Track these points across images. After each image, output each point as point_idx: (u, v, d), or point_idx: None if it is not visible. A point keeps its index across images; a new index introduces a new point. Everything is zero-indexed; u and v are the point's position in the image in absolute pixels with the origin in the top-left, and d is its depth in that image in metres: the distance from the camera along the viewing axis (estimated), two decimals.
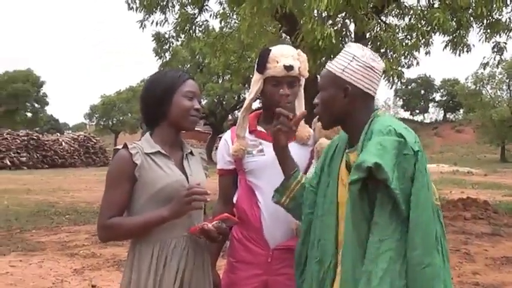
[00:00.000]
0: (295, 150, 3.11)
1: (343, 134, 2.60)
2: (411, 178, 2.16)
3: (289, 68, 3.03)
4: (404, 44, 12.45)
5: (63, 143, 43.28)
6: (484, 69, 15.42)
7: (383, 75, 12.26)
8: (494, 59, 14.95)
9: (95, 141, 47.52)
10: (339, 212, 2.46)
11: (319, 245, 2.53)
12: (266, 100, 3.18)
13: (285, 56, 3.07)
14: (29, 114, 78.28)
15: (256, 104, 6.46)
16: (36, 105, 78.25)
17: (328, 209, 2.51)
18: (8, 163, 37.01)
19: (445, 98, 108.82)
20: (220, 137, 3.59)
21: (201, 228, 2.67)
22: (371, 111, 2.45)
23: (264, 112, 3.27)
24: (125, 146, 2.70)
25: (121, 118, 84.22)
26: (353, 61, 2.41)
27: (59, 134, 50.08)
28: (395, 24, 13.90)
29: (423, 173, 2.18)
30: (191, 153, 2.94)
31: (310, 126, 3.25)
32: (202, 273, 2.83)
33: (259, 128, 3.23)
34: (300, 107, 3.24)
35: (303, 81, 3.20)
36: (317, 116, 2.97)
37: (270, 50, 3.13)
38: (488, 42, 13.63)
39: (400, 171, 2.15)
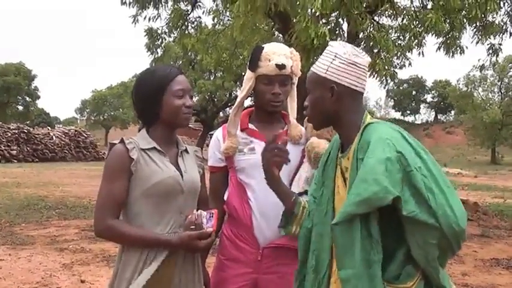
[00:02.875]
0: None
1: (336, 139, 2.58)
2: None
3: (281, 66, 3.02)
4: (397, 44, 12.47)
5: (53, 137, 43.08)
6: (480, 71, 15.53)
7: (375, 76, 12.34)
8: (490, 61, 15.00)
9: (85, 135, 47.30)
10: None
11: (314, 255, 2.51)
12: (258, 98, 3.17)
13: (278, 54, 3.06)
14: (20, 108, 78.10)
15: (248, 102, 6.45)
16: (27, 98, 78.01)
17: (323, 218, 2.48)
18: None
19: (437, 99, 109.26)
20: (211, 134, 3.58)
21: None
22: (361, 108, 2.43)
23: (256, 110, 3.27)
24: (122, 141, 2.71)
25: (112, 113, 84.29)
26: (335, 59, 2.37)
27: (49, 128, 49.82)
28: (389, 25, 13.93)
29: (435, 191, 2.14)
30: (186, 150, 2.94)
31: (302, 125, 3.24)
32: (192, 270, 2.83)
33: (251, 126, 3.22)
34: (292, 106, 3.24)
35: (295, 80, 3.20)
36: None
37: (263, 47, 3.12)
38: (482, 44, 13.67)
39: (411, 189, 2.13)
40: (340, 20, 12.43)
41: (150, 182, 2.67)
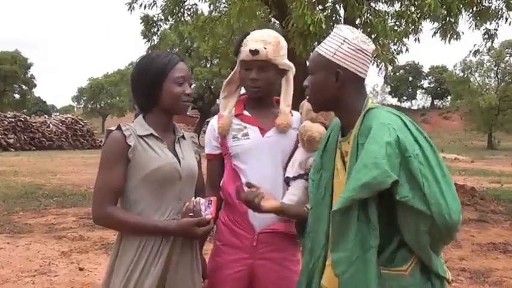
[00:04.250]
0: (277, 137, 3.11)
1: (336, 123, 2.57)
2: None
3: (254, 52, 3.02)
4: (393, 30, 12.42)
5: (50, 125, 42.96)
6: (475, 56, 15.50)
7: (374, 62, 12.31)
8: (485, 46, 14.99)
9: (82, 124, 47.15)
10: (333, 204, 2.42)
11: (310, 237, 2.53)
12: (242, 84, 3.23)
13: (254, 40, 3.06)
14: (17, 96, 77.97)
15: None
16: (23, 87, 77.88)
17: (320, 200, 2.49)
18: None
19: (433, 85, 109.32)
20: (208, 122, 3.59)
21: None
22: (363, 95, 2.42)
23: (247, 96, 3.28)
24: (119, 128, 2.70)
25: (109, 101, 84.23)
26: (344, 44, 2.34)
27: (46, 116, 49.76)
28: (385, 11, 13.88)
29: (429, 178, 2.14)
30: (183, 137, 2.95)
31: (298, 111, 3.23)
32: (190, 258, 2.84)
33: (245, 113, 3.22)
34: (287, 92, 3.22)
35: (292, 72, 3.20)
36: (304, 100, 2.95)
37: (248, 34, 3.15)
38: (479, 29, 13.64)
39: (407, 175, 2.14)
40: (337, 6, 12.42)
41: (148, 168, 2.67)
